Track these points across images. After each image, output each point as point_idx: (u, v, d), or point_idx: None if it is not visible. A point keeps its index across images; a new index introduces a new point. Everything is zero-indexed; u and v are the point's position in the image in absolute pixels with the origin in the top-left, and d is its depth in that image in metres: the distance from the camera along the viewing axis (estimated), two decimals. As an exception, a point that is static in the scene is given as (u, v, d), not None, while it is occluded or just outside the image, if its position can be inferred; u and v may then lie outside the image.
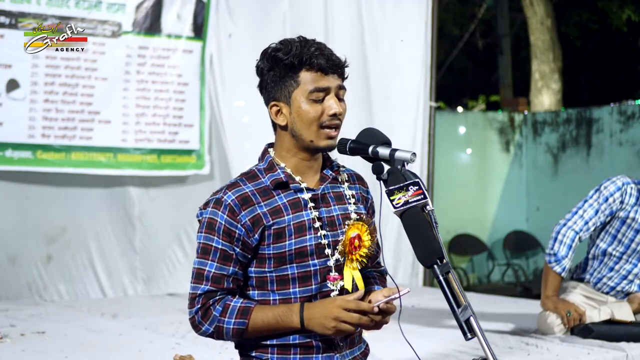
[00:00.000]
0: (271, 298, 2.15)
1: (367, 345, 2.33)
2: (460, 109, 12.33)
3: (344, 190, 2.25)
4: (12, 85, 5.29)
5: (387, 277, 2.36)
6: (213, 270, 2.11)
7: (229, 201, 2.12)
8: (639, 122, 9.47)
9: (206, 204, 2.16)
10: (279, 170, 2.16)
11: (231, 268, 2.12)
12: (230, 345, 3.82)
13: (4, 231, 5.40)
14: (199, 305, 2.11)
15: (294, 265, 2.12)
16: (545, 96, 12.08)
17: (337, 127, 2.15)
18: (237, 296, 2.15)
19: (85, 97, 5.52)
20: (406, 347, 2.18)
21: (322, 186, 2.20)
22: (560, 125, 10.32)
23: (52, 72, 5.41)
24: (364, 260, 2.17)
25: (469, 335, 1.91)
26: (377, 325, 2.11)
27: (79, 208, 5.63)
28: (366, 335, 2.34)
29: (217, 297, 2.11)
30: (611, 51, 15.68)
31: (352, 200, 2.24)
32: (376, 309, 2.03)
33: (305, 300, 2.13)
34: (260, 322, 2.08)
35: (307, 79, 2.12)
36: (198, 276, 2.12)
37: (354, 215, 2.20)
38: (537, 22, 12.11)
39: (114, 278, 5.71)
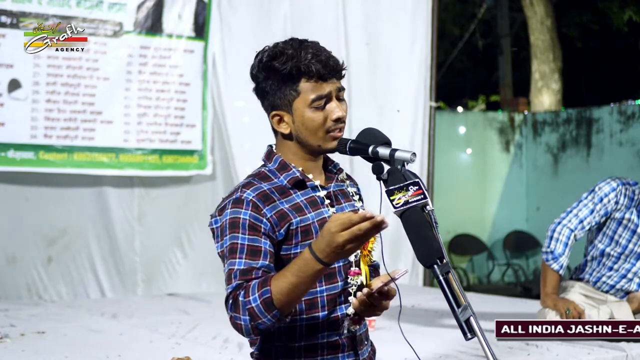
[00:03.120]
0: None
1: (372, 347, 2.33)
2: (460, 109, 12.34)
3: (346, 188, 2.26)
4: (14, 85, 5.30)
5: (381, 268, 2.37)
6: (241, 267, 2.02)
7: (250, 197, 2.06)
8: (639, 122, 9.47)
9: (222, 209, 2.09)
10: (293, 169, 2.15)
11: (260, 261, 2.03)
12: (230, 345, 3.84)
13: (3, 232, 5.41)
14: (231, 301, 2.00)
15: None
16: (545, 96, 12.09)
17: (341, 129, 2.15)
18: None
19: (87, 97, 5.52)
20: (406, 347, 2.19)
21: (331, 184, 2.21)
22: (560, 125, 10.32)
23: (53, 72, 5.41)
24: (371, 255, 2.19)
25: (469, 335, 1.91)
26: (378, 309, 2.11)
27: (79, 209, 5.63)
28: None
29: (244, 286, 2.00)
30: (611, 51, 15.69)
31: (356, 198, 2.26)
32: (368, 216, 1.88)
33: (332, 298, 2.13)
34: (284, 284, 1.94)
35: (307, 88, 2.10)
36: (229, 277, 2.03)
37: (362, 212, 2.21)
38: (537, 22, 12.12)
39: (114, 279, 5.71)
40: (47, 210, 5.52)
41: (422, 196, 1.98)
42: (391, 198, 1.98)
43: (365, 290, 2.08)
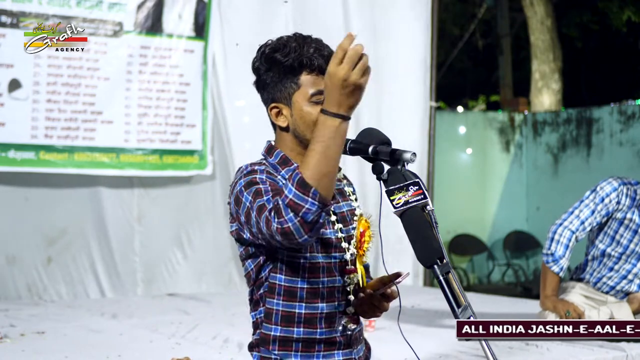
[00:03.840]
0: (299, 286, 2.11)
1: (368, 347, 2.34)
2: (460, 109, 12.34)
3: (343, 187, 2.27)
4: (15, 85, 5.29)
5: (381, 268, 2.38)
6: (271, 196, 1.98)
7: (263, 168, 2.09)
8: (639, 122, 9.47)
9: (233, 187, 2.08)
10: (294, 165, 2.14)
11: None
12: (230, 345, 3.84)
13: (3, 232, 5.40)
14: (273, 212, 1.91)
15: (321, 255, 2.11)
16: (546, 96, 12.09)
17: None
18: None
19: (87, 97, 5.52)
20: (406, 347, 2.19)
21: None
22: (560, 125, 10.32)
23: (54, 72, 5.41)
24: (366, 255, 2.20)
25: (469, 335, 1.92)
26: (379, 310, 2.12)
27: (80, 209, 5.63)
28: (366, 335, 2.35)
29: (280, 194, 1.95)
30: (611, 51, 15.69)
31: (353, 197, 2.27)
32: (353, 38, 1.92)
33: (331, 291, 2.13)
34: (309, 157, 1.89)
35: (308, 81, 2.11)
36: (261, 209, 1.97)
37: (358, 211, 2.23)
38: (537, 22, 12.12)
39: (114, 279, 5.71)
40: (47, 210, 5.52)
41: (422, 196, 1.98)
42: (391, 198, 1.99)
43: (367, 291, 2.09)
